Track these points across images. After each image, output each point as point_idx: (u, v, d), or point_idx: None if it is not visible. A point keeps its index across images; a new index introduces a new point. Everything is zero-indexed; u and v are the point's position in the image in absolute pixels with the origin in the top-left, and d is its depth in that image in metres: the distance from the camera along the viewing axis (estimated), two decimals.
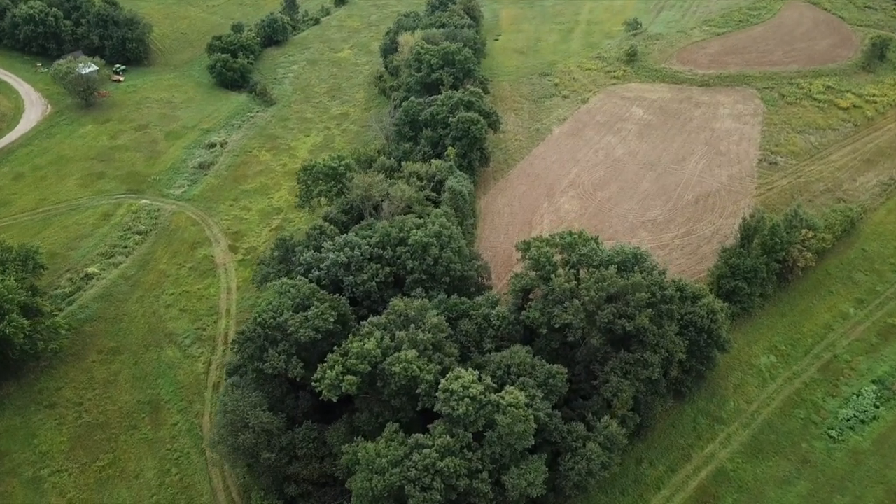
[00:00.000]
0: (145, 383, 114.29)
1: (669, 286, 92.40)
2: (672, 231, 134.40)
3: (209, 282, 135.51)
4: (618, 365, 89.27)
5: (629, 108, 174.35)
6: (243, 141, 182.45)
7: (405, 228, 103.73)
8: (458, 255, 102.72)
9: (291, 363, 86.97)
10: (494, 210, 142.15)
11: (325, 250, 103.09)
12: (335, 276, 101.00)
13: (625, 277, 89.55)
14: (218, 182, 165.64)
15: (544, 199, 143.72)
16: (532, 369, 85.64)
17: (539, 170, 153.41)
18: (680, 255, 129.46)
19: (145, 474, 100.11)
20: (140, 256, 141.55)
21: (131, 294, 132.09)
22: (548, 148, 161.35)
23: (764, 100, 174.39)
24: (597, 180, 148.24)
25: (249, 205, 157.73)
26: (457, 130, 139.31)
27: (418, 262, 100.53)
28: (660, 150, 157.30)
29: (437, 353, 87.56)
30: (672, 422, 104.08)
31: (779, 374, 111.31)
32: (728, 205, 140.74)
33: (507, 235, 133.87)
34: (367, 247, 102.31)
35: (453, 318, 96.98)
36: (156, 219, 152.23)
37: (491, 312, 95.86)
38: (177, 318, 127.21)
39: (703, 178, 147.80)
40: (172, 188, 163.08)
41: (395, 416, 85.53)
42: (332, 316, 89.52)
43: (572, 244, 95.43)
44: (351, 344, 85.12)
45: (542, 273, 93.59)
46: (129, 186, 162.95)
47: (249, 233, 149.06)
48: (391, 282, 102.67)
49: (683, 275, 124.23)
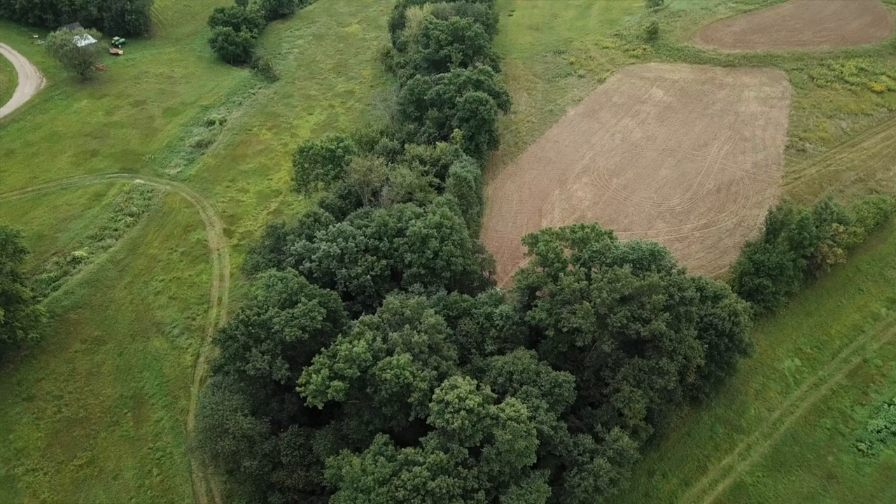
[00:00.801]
0: (129, 376, 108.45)
1: (689, 287, 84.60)
2: (691, 222, 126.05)
3: (201, 268, 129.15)
4: (631, 372, 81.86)
5: (648, 89, 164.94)
6: (244, 119, 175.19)
7: (404, 218, 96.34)
8: (460, 248, 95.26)
9: (276, 364, 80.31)
10: (502, 196, 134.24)
11: (318, 240, 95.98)
12: (327, 268, 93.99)
13: (640, 277, 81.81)
14: (215, 162, 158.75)
15: (556, 186, 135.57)
16: (536, 377, 78.46)
17: (551, 154, 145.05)
18: (699, 248, 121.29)
19: (124, 475, 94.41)
20: (131, 240, 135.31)
21: (119, 280, 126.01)
22: (561, 130, 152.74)
23: (792, 82, 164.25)
24: (612, 166, 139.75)
25: (247, 186, 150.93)
26: (464, 111, 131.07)
27: (417, 255, 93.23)
28: (680, 134, 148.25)
29: (434, 356, 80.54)
30: (687, 430, 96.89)
31: (804, 379, 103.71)
32: (752, 194, 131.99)
33: (515, 224, 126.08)
34: (363, 237, 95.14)
35: (453, 316, 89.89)
36: (149, 200, 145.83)
37: (494, 311, 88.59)
38: (166, 306, 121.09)
39: (726, 166, 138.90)
40: (168, 168, 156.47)
41: (386, 424, 78.89)
42: (321, 314, 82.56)
43: (584, 239, 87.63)
44: (339, 346, 78.20)
45: (550, 270, 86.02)
46: (122, 165, 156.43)
47: (246, 216, 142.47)
48: (388, 275, 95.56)
49: (703, 270, 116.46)
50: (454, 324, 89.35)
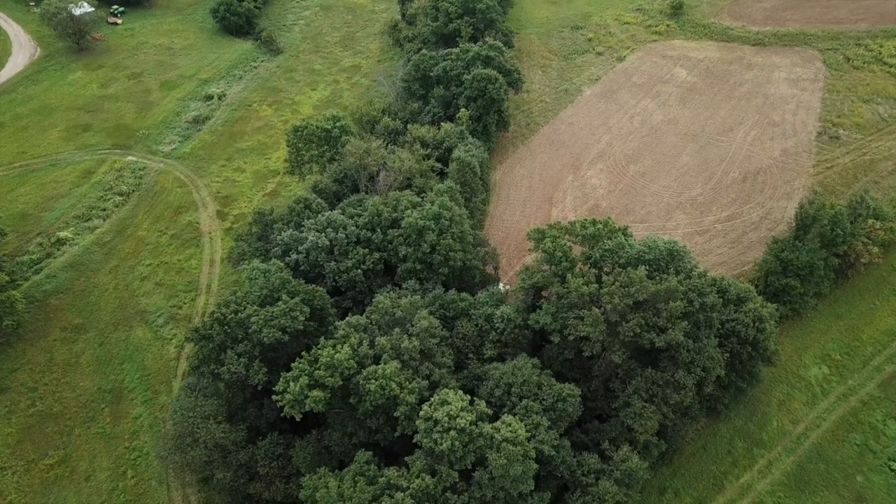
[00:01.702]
0: (109, 367, 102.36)
1: (710, 292, 76.25)
2: (714, 214, 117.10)
3: (191, 252, 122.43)
4: (643, 385, 74.11)
5: (671, 68, 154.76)
6: (243, 93, 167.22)
7: (399, 208, 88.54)
8: (461, 242, 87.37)
9: (253, 368, 73.39)
10: (511, 182, 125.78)
11: (306, 229, 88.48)
12: (315, 260, 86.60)
13: (657, 281, 73.64)
14: (212, 139, 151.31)
15: (569, 172, 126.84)
16: (538, 390, 70.92)
17: (565, 137, 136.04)
18: (722, 242, 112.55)
19: (97, 476, 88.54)
20: (119, 221, 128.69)
21: (105, 263, 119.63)
22: (576, 112, 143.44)
23: (826, 63, 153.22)
24: (630, 151, 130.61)
25: (244, 165, 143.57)
26: (471, 90, 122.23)
27: (412, 248, 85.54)
28: (704, 118, 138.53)
29: (427, 362, 73.23)
30: (703, 443, 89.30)
31: (832, 388, 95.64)
32: (780, 184, 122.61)
33: (523, 214, 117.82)
34: (354, 228, 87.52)
35: (450, 317, 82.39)
36: (140, 178, 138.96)
37: (494, 313, 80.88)
38: (151, 292, 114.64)
39: (753, 153, 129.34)
40: (162, 144, 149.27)
41: (371, 437, 71.98)
42: (304, 313, 75.36)
43: (595, 236, 79.37)
44: (321, 350, 71.02)
45: (556, 269, 78.03)
46: (115, 141, 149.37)
47: (241, 197, 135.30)
48: (381, 270, 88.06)
49: (725, 267, 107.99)
50: (451, 325, 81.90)
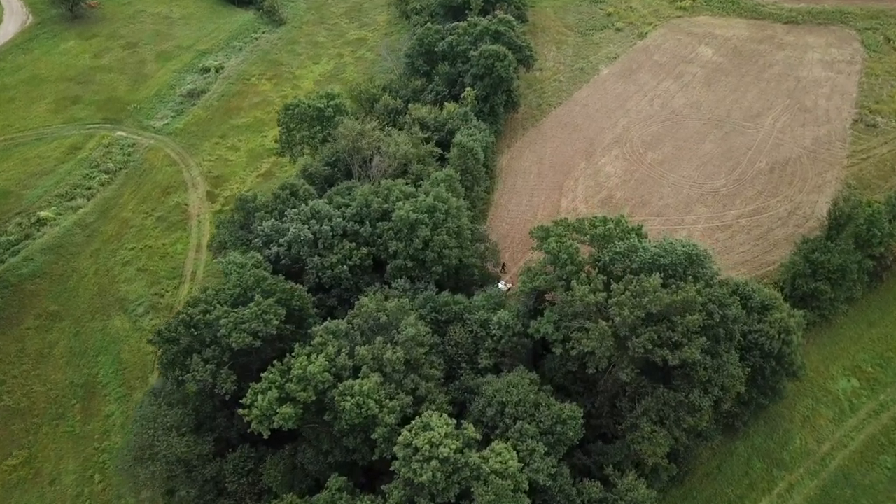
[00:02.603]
0: (83, 360, 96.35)
1: (733, 303, 67.92)
2: (737, 208, 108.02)
3: (177, 236, 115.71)
4: (653, 406, 66.34)
5: (696, 46, 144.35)
6: (242, 66, 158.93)
7: (391, 198, 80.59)
8: (457, 238, 79.38)
9: (221, 376, 66.39)
10: (519, 168, 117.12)
11: (289, 219, 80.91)
12: (298, 254, 79.14)
13: (673, 290, 65.45)
14: (206, 114, 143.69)
15: (582, 158, 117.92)
16: (535, 410, 63.39)
17: (579, 120, 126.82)
18: (745, 239, 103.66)
19: (63, 479, 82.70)
20: (103, 200, 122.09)
21: (86, 246, 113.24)
22: (592, 92, 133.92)
23: (865, 44, 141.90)
24: (648, 137, 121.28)
25: (238, 143, 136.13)
26: (478, 67, 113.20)
27: (403, 244, 77.76)
28: (729, 102, 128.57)
29: (413, 374, 65.87)
30: (718, 463, 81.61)
31: (862, 404, 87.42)
32: (811, 176, 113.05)
33: (530, 204, 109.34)
34: (341, 219, 79.78)
35: (443, 321, 74.78)
36: (129, 155, 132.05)
37: (491, 318, 73.14)
38: (133, 279, 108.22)
39: (782, 141, 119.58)
40: (154, 119, 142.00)
41: (348, 457, 64.96)
42: (278, 315, 68.14)
43: (605, 236, 71.03)
44: (294, 360, 63.81)
45: (561, 273, 69.99)
46: (105, 115, 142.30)
47: (233, 178, 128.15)
48: (369, 266, 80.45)
49: (747, 267, 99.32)
50: (443, 329, 74.33)
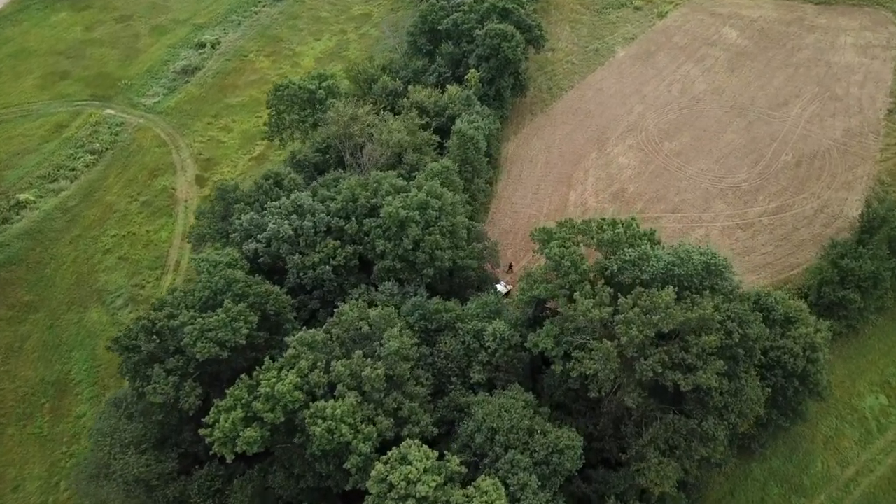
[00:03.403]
0: (56, 355, 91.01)
1: (755, 320, 60.70)
2: (760, 205, 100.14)
3: (162, 223, 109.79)
4: (661, 434, 59.61)
5: (719, 28, 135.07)
6: (240, 42, 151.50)
7: (380, 192, 73.60)
8: (451, 237, 72.38)
9: (184, 389, 60.32)
10: (525, 157, 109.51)
11: (269, 213, 74.25)
12: (277, 252, 72.57)
13: (687, 304, 58.31)
14: (200, 92, 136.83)
15: (593, 147, 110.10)
16: (529, 438, 56.83)
17: (592, 105, 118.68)
18: (767, 239, 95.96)
19: (26, 486, 77.46)
20: (87, 183, 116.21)
21: (66, 232, 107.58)
22: (607, 76, 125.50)
23: None
24: (666, 125, 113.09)
25: (232, 124, 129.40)
26: (484, 47, 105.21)
27: (391, 243, 70.93)
28: (754, 88, 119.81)
29: (395, 392, 59.44)
30: (731, 487, 74.98)
31: (890, 424, 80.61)
32: (840, 171, 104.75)
33: (535, 196, 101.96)
34: (324, 215, 72.96)
35: (433, 330, 68.09)
36: (116, 135, 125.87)
37: (486, 328, 66.36)
38: (113, 268, 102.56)
39: (810, 132, 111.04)
40: (145, 97, 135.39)
41: (322, 482, 58.84)
42: (249, 324, 61.80)
43: (614, 242, 63.75)
44: (263, 375, 57.53)
45: (564, 282, 62.98)
46: (94, 91, 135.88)
47: (224, 161, 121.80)
48: (354, 266, 73.76)
49: (769, 270, 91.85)
50: (433, 340, 67.71)
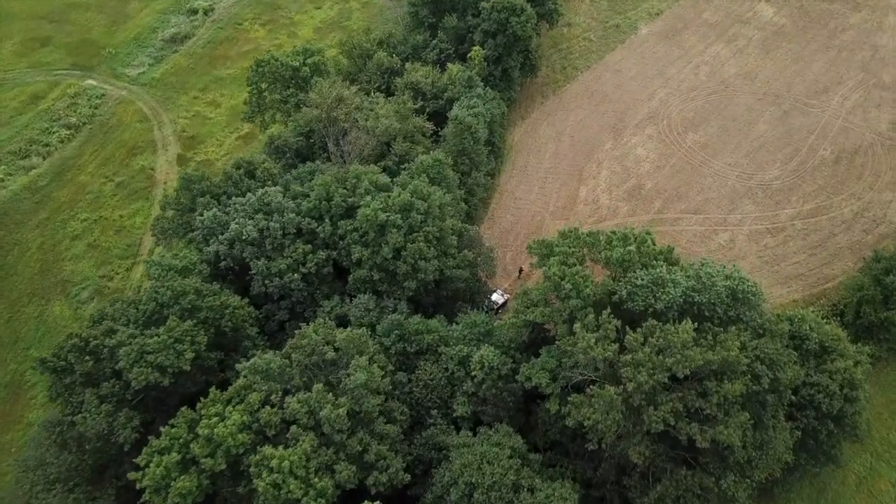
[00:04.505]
0: (12, 353, 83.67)
1: (789, 361, 51.22)
2: (793, 206, 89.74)
3: (137, 207, 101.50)
4: (671, 492, 50.69)
5: (754, 4, 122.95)
6: (234, 9, 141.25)
7: (358, 190, 64.36)
8: (438, 244, 63.12)
9: (119, 419, 52.18)
10: (533, 145, 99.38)
11: (233, 210, 65.39)
12: (240, 256, 63.86)
13: (708, 341, 48.91)
14: (188, 63, 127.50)
15: (608, 136, 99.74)
16: (514, 496, 48.13)
17: (609, 88, 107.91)
18: (800, 246, 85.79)
19: None
20: (60, 161, 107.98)
21: (33, 215, 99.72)
22: (627, 55, 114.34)
23: None
24: (690, 114, 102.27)
25: (220, 99, 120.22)
26: (490, 22, 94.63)
27: (369, 250, 61.88)
28: (791, 73, 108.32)
29: (362, 432, 50.95)
30: None
31: None
32: (885, 170, 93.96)
33: (542, 190, 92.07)
34: (294, 214, 63.90)
35: (412, 353, 59.31)
36: (95, 108, 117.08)
37: (472, 353, 57.43)
38: (81, 256, 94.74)
39: (852, 124, 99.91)
40: (129, 67, 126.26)
41: None
42: (197, 346, 53.31)
43: (625, 262, 54.12)
44: (205, 409, 49.21)
45: (563, 307, 53.71)
46: (75, 60, 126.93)
47: (210, 139, 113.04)
48: (328, 274, 64.88)
49: (800, 282, 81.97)
50: (412, 364, 59.00)
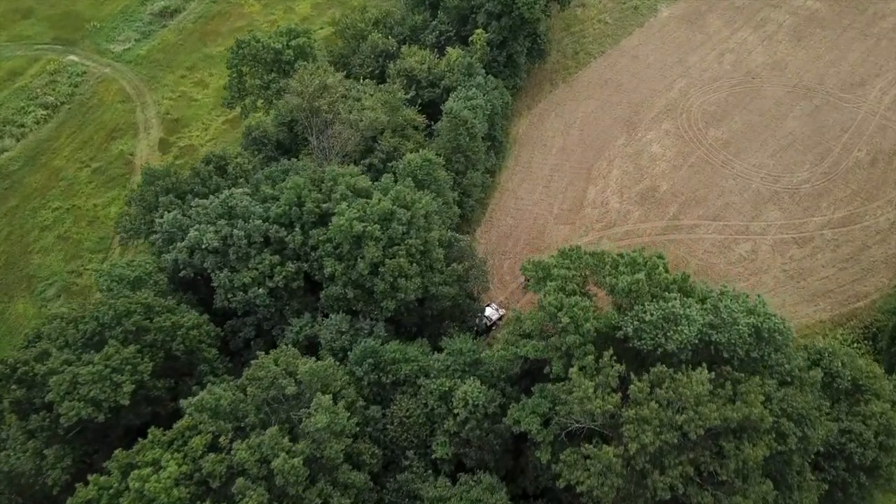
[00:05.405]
0: None
1: (821, 415, 43.76)
2: (822, 213, 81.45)
3: (113, 195, 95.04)
4: None
5: None
6: None
7: (333, 195, 57.02)
8: (423, 257, 55.76)
9: (48, 458, 45.82)
10: (538, 139, 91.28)
11: (194, 213, 58.37)
12: (201, 265, 56.95)
13: (726, 393, 41.51)
14: (177, 39, 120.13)
15: (621, 131, 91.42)
16: None
17: (624, 77, 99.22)
18: (830, 258, 77.71)
19: None
20: (35, 143, 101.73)
21: (2, 202, 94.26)
22: (645, 40, 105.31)
23: None
24: (712, 107, 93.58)
25: (208, 78, 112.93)
26: (494, 3, 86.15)
27: (343, 265, 54.69)
28: (824, 64, 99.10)
29: (322, 481, 44.32)
30: None
31: None
32: None
33: (546, 190, 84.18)
34: (261, 221, 56.72)
35: (388, 384, 52.35)
36: (75, 87, 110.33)
37: (456, 387, 50.40)
38: (50, 249, 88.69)
39: (891, 122, 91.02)
40: (114, 42, 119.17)
41: None
42: (138, 376, 46.63)
43: (632, 293, 46.46)
44: (139, 456, 42.67)
45: (559, 342, 46.39)
46: (58, 34, 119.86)
47: (195, 122, 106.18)
48: (298, 288, 57.82)
49: (830, 300, 74.37)
50: (387, 396, 52.12)
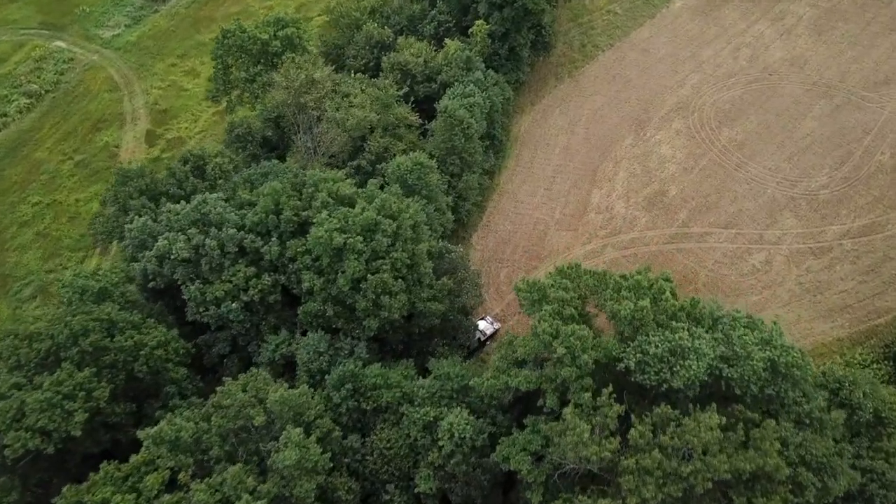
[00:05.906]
0: None
1: (844, 463, 39.46)
2: (842, 222, 76.57)
3: (96, 190, 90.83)
4: None
5: None
6: None
7: (314, 203, 52.66)
8: (409, 272, 51.42)
9: None
10: (541, 138, 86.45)
11: (165, 220, 54.16)
12: (171, 276, 52.82)
13: (738, 437, 37.23)
14: (169, 25, 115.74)
15: (629, 130, 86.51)
16: None
17: (633, 72, 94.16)
18: (849, 271, 72.95)
19: None
20: (17, 134, 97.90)
21: None
22: (657, 33, 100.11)
23: None
24: (726, 105, 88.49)
25: (199, 67, 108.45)
26: None
27: (322, 279, 50.43)
28: (846, 60, 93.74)
29: None
30: None
31: None
32: None
33: (548, 193, 79.44)
34: (235, 229, 52.46)
35: (369, 411, 48.26)
36: (61, 74, 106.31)
37: (442, 416, 46.29)
38: (27, 246, 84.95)
39: None
40: (103, 28, 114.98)
41: None
42: (94, 402, 42.69)
43: (635, 321, 42.00)
44: (90, 494, 38.86)
45: (553, 373, 42.14)
46: (45, 18, 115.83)
47: (184, 113, 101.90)
48: (276, 302, 53.63)
49: (848, 316, 69.89)
50: (368, 424, 48.06)
